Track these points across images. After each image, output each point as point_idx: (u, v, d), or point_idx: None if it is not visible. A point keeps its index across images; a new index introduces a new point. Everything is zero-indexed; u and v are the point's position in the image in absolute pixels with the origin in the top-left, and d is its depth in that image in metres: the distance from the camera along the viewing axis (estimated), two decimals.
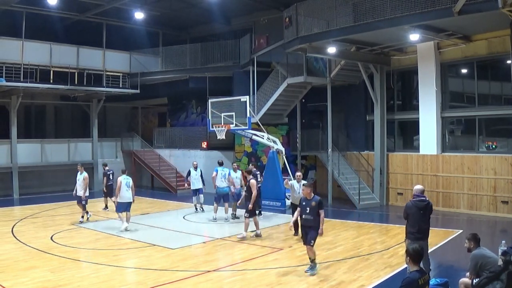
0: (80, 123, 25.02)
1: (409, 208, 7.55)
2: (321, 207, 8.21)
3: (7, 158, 19.18)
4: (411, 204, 7.57)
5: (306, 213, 8.26)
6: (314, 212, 8.18)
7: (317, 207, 8.18)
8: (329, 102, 17.24)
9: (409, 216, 7.52)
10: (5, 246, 10.37)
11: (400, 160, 16.71)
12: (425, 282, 4.75)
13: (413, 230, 7.47)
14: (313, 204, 8.22)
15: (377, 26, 13.09)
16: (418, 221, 7.46)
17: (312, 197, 8.35)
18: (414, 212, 7.49)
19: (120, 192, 11.90)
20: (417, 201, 7.55)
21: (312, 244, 8.18)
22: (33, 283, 7.63)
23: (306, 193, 8.45)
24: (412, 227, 7.48)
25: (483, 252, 6.40)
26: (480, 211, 14.44)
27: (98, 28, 21.15)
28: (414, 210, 7.50)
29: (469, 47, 14.90)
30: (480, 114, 15.04)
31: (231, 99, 17.53)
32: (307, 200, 8.36)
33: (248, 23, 21.89)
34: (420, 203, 7.54)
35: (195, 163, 15.50)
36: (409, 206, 7.58)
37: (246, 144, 20.25)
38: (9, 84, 17.93)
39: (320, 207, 8.19)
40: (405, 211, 7.61)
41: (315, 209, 8.17)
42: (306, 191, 8.47)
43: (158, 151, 23.38)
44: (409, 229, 7.53)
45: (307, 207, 8.26)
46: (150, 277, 8.08)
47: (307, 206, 8.27)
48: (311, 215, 8.19)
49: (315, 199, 8.29)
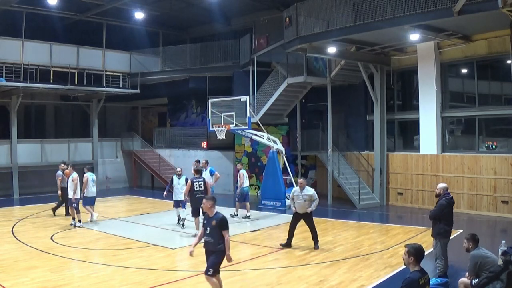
0: (80, 123, 25.01)
1: (446, 207, 7.57)
2: (223, 228, 6.52)
3: (7, 158, 19.18)
4: (446, 203, 7.59)
5: (207, 234, 6.61)
6: (215, 233, 6.52)
7: (218, 227, 6.49)
8: (329, 102, 17.24)
9: (445, 215, 7.56)
10: (5, 246, 10.37)
11: (400, 160, 16.71)
12: (425, 282, 4.74)
13: (449, 228, 7.61)
14: (213, 223, 6.53)
15: (377, 26, 13.09)
16: (452, 218, 7.63)
17: (214, 214, 6.63)
18: (450, 210, 7.61)
19: (87, 188, 13.03)
20: (450, 198, 7.66)
21: (211, 273, 6.51)
22: (33, 283, 7.63)
23: (206, 208, 6.70)
24: (449, 225, 7.59)
25: (481, 252, 6.40)
26: (480, 211, 14.44)
27: (98, 28, 21.15)
28: (449, 208, 7.62)
29: (469, 47, 14.90)
30: (480, 114, 15.04)
31: (231, 99, 17.53)
32: (208, 218, 6.67)
33: (248, 23, 21.89)
34: (452, 200, 7.70)
35: (179, 169, 13.16)
36: (445, 204, 7.59)
37: (246, 144, 20.25)
38: (9, 84, 17.93)
39: (222, 228, 6.51)
40: (441, 210, 7.56)
41: (216, 230, 6.50)
42: (206, 205, 6.71)
43: (158, 151, 23.38)
44: (445, 228, 7.57)
45: (208, 226, 6.60)
46: (150, 277, 8.08)
47: (208, 226, 6.60)
48: (212, 236, 6.54)
49: (216, 217, 6.57)
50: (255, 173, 20.19)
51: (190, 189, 11.28)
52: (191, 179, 11.50)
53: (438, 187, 7.84)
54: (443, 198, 7.64)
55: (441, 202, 7.64)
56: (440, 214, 7.58)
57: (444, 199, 7.63)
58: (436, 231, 7.67)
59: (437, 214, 7.58)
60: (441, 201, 7.64)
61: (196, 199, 11.13)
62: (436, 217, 7.60)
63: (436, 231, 7.65)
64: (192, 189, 11.27)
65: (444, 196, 7.66)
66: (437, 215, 7.59)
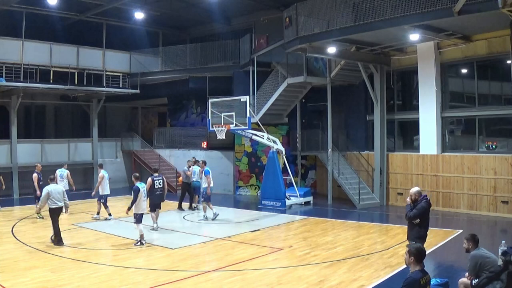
0: (80, 123, 24.99)
1: (426, 210, 7.36)
2: None
3: (7, 158, 19.17)
4: (427, 205, 7.38)
5: None
6: None
7: None
8: (329, 102, 17.24)
9: (423, 219, 7.34)
10: (5, 246, 10.37)
11: (400, 160, 16.71)
12: (426, 282, 4.75)
13: (426, 232, 7.44)
14: None
15: (377, 26, 13.09)
16: (428, 222, 7.47)
17: None
18: (428, 212, 7.43)
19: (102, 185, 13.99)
20: (428, 200, 7.48)
21: None
22: (33, 283, 7.63)
23: None
24: (426, 229, 7.43)
25: (481, 253, 6.39)
26: (480, 211, 14.44)
27: (98, 28, 21.15)
28: (428, 210, 7.43)
29: (469, 47, 14.90)
30: (480, 114, 15.04)
31: (231, 99, 17.52)
32: None
33: (248, 23, 21.90)
34: (430, 202, 7.53)
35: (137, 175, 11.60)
36: (426, 207, 7.35)
37: (246, 144, 20.25)
38: (9, 84, 17.93)
39: None
40: (421, 213, 7.30)
41: None
42: None
43: (158, 151, 23.38)
44: (424, 231, 7.39)
45: None
46: (150, 277, 8.08)
47: None
48: None
49: None
50: (255, 173, 20.19)
51: (150, 187, 11.88)
52: (151, 177, 12.16)
53: (412, 192, 7.47)
54: (422, 201, 7.39)
55: (421, 204, 7.34)
56: (418, 217, 7.33)
57: (424, 202, 7.39)
58: (415, 235, 7.36)
59: (418, 216, 7.30)
60: (422, 204, 7.35)
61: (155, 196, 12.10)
62: (416, 218, 7.33)
63: (416, 235, 7.35)
64: (152, 187, 11.96)
65: (423, 199, 7.42)
66: (417, 217, 7.32)
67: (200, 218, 14.10)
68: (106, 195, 14.08)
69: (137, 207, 10.73)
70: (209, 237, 11.63)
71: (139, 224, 10.66)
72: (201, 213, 14.45)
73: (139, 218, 10.69)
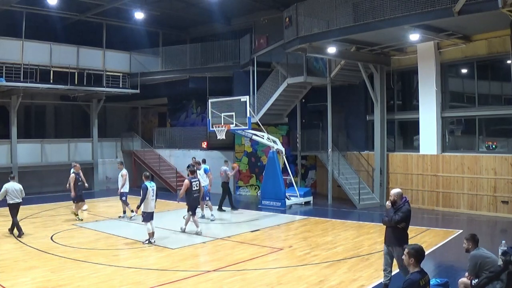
0: (80, 123, 25.02)
1: (410, 212, 7.04)
2: None
3: (7, 158, 19.17)
4: (409, 207, 7.05)
5: None
6: None
7: None
8: (329, 102, 17.24)
9: (408, 220, 7.01)
10: (5, 246, 10.37)
11: (400, 160, 16.71)
12: (426, 283, 4.75)
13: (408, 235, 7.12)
14: None
15: (377, 26, 13.09)
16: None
17: None
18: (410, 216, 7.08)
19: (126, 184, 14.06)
20: (409, 202, 7.13)
21: None
22: (33, 283, 7.63)
23: None
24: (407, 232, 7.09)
25: (481, 253, 6.39)
26: (480, 211, 14.44)
27: (98, 28, 21.15)
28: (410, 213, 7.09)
29: (469, 47, 14.90)
30: (480, 114, 15.04)
31: (231, 99, 17.52)
32: None
33: (248, 23, 21.90)
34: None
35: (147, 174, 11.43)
36: (409, 209, 7.02)
37: (246, 144, 20.25)
38: (9, 84, 17.93)
39: None
40: (407, 216, 6.92)
41: None
42: None
43: (158, 151, 23.38)
44: (406, 233, 7.06)
45: None
46: (150, 277, 8.08)
47: None
48: None
49: None
50: (255, 173, 20.19)
51: (187, 189, 11.63)
52: (188, 179, 11.82)
53: (393, 194, 7.09)
54: (405, 203, 7.05)
55: (406, 207, 6.99)
56: (407, 219, 6.97)
57: (407, 204, 7.04)
58: (400, 238, 6.96)
59: (404, 220, 6.93)
60: (406, 206, 7.00)
61: (194, 198, 11.78)
62: (402, 222, 6.93)
63: (400, 238, 6.96)
64: (190, 189, 11.67)
65: (406, 201, 7.07)
66: (403, 221, 6.94)
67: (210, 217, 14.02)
68: (126, 193, 14.10)
69: (146, 206, 10.73)
70: (209, 237, 11.63)
71: (147, 223, 10.69)
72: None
73: (147, 217, 10.70)
